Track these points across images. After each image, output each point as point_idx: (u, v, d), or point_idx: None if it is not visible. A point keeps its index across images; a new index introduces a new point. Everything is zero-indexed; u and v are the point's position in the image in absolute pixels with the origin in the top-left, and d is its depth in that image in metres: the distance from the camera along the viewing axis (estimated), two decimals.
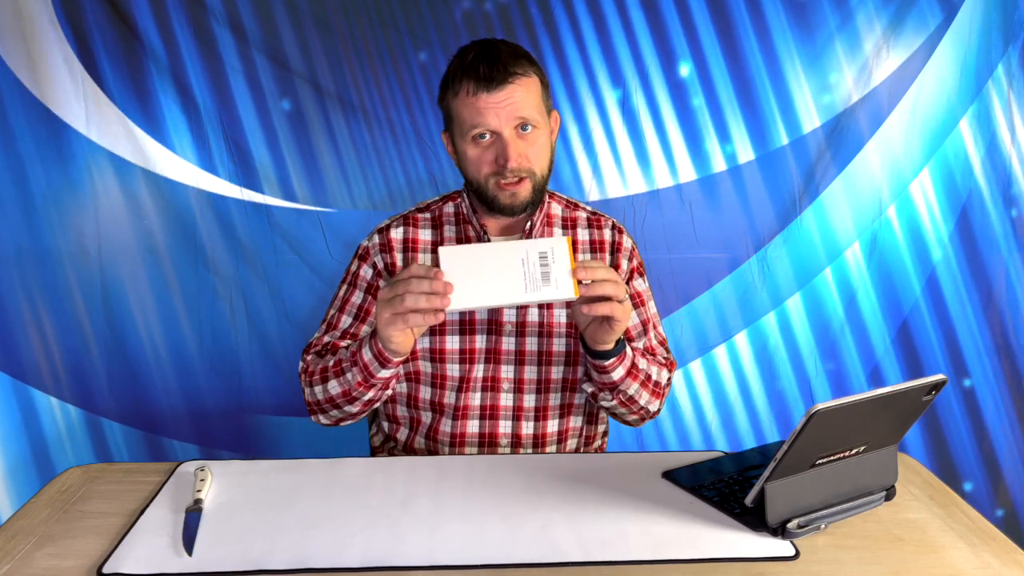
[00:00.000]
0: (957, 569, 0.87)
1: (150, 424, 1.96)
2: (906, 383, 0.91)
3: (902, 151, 1.96)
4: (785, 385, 2.04)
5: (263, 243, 1.93)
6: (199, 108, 1.88)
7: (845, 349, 2.02)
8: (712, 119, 1.95)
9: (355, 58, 1.90)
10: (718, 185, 1.98)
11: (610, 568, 0.86)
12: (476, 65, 1.20)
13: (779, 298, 2.01)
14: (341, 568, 0.86)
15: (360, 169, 1.94)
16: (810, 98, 1.94)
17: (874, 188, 1.97)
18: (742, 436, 2.06)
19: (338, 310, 1.34)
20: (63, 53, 1.83)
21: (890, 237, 1.98)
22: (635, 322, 1.37)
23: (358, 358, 1.17)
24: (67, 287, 1.89)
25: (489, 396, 1.30)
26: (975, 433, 2.02)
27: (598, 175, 1.97)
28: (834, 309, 2.01)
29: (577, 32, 1.91)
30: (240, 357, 1.96)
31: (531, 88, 1.23)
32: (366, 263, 1.33)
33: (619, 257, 1.36)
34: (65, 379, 1.91)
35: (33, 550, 0.90)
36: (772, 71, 1.93)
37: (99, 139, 1.87)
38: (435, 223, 1.35)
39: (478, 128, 1.21)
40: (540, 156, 1.26)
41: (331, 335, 1.33)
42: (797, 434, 0.86)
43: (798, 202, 1.97)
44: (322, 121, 1.91)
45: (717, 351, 2.03)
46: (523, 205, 1.26)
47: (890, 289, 2.00)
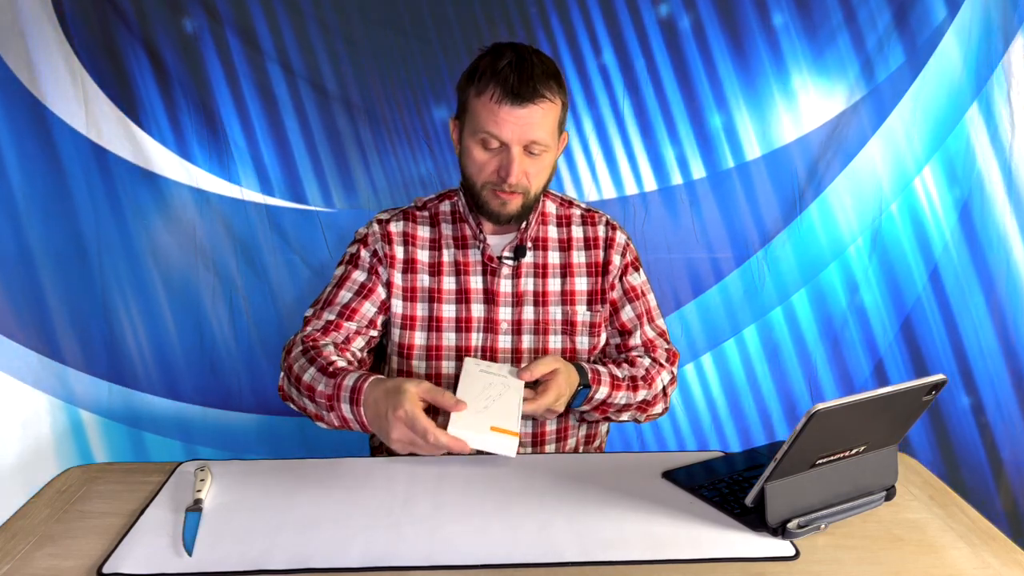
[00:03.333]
0: (957, 569, 0.87)
1: (149, 424, 1.96)
2: (906, 383, 0.91)
3: (905, 148, 1.95)
4: (789, 382, 2.04)
5: (263, 243, 1.93)
6: (199, 108, 1.88)
7: (849, 346, 2.02)
8: (712, 118, 1.95)
9: (356, 58, 1.90)
10: (721, 183, 1.98)
11: (610, 568, 0.86)
12: (508, 74, 1.19)
13: (783, 295, 2.01)
14: (341, 568, 0.86)
15: (360, 169, 1.94)
16: (814, 95, 1.94)
17: (877, 185, 1.97)
18: (743, 436, 2.06)
19: (336, 286, 1.32)
20: (63, 53, 1.83)
21: (893, 233, 1.98)
22: (630, 316, 1.38)
23: (336, 407, 1.10)
24: (66, 287, 1.88)
25: None
26: (978, 431, 2.02)
27: (594, 176, 1.97)
28: (838, 306, 2.01)
29: (582, 28, 1.91)
30: (240, 357, 1.96)
31: (551, 113, 1.23)
32: (367, 248, 1.34)
33: (611, 253, 1.37)
34: (64, 379, 1.91)
35: (33, 550, 0.90)
36: (777, 68, 1.93)
37: (99, 139, 1.87)
38: (432, 221, 1.36)
39: (490, 135, 1.22)
40: (540, 176, 1.27)
41: (330, 311, 1.28)
42: (797, 434, 0.86)
43: (799, 201, 1.97)
44: (322, 121, 1.91)
45: (716, 352, 2.03)
46: (509, 216, 1.28)
47: (894, 285, 2.00)
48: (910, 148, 1.95)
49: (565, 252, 1.36)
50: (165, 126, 1.88)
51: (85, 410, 1.93)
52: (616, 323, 1.38)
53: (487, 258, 1.32)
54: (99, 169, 1.88)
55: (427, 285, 1.32)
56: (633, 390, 1.30)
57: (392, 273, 1.32)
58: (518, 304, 1.32)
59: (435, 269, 1.33)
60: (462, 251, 1.33)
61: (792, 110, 1.94)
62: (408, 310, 1.32)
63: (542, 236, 1.36)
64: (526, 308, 1.32)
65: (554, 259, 1.35)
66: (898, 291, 2.00)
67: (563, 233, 1.37)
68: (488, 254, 1.32)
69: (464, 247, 1.33)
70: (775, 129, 1.95)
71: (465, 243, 1.33)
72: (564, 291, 1.34)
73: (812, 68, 1.93)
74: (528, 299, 1.32)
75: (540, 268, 1.34)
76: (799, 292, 2.01)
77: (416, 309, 1.32)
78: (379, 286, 1.32)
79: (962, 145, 1.95)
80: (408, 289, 1.32)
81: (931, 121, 1.95)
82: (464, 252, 1.33)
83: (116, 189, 1.89)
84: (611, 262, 1.37)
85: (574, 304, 1.34)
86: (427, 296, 1.32)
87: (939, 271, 1.99)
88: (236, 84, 1.89)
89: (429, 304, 1.32)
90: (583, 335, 1.34)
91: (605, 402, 1.27)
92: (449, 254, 1.33)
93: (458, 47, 1.90)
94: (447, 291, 1.32)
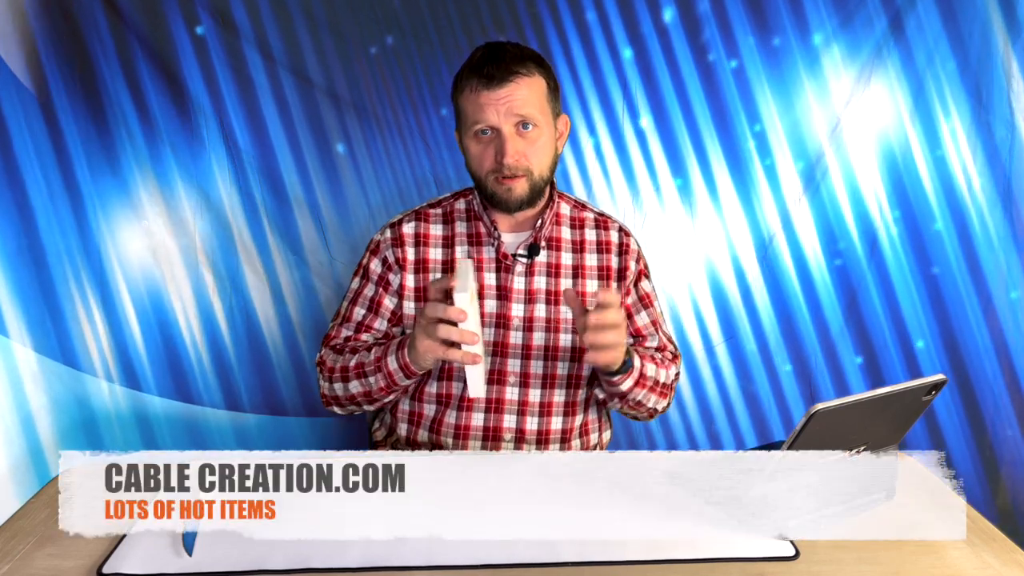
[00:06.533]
0: (957, 569, 0.87)
1: (148, 424, 1.96)
2: (906, 383, 0.91)
3: (899, 152, 1.96)
4: (785, 385, 2.04)
5: (263, 243, 1.93)
6: (199, 108, 1.88)
7: (844, 349, 2.02)
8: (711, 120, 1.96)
9: (358, 58, 1.90)
10: (717, 187, 1.98)
11: (610, 568, 0.86)
12: (482, 64, 1.23)
13: (778, 299, 2.02)
14: (341, 568, 0.86)
15: (360, 169, 1.94)
16: (813, 99, 1.95)
17: (873, 190, 1.98)
18: (741, 435, 2.06)
19: (350, 302, 1.37)
20: (61, 52, 1.83)
21: (889, 238, 1.99)
22: (645, 322, 1.40)
23: (383, 365, 1.21)
24: (66, 287, 1.88)
25: (495, 389, 1.31)
26: (973, 432, 2.02)
27: (588, 177, 1.98)
28: (833, 311, 2.01)
29: (589, 30, 1.92)
30: (239, 357, 1.96)
31: (534, 88, 1.24)
32: (376, 257, 1.36)
33: (627, 259, 1.38)
34: (64, 379, 1.91)
35: (33, 550, 0.90)
36: (774, 70, 1.94)
37: (98, 139, 1.86)
38: (446, 219, 1.37)
39: (479, 124, 1.24)
40: (540, 156, 1.27)
41: (347, 328, 1.35)
42: (797, 434, 0.86)
43: (796, 205, 1.98)
44: (322, 121, 1.92)
45: (713, 352, 2.03)
46: (518, 201, 1.28)
47: (888, 289, 2.00)
48: (903, 153, 1.96)
49: (578, 254, 1.36)
50: (165, 126, 1.88)
51: (84, 410, 1.93)
52: (631, 329, 1.39)
53: (501, 255, 1.33)
54: (99, 168, 1.88)
55: None
56: (657, 365, 1.31)
57: (404, 276, 1.33)
58: (530, 301, 1.32)
59: (448, 267, 1.34)
60: (476, 248, 1.34)
61: (792, 110, 1.95)
62: None
63: (556, 236, 1.36)
64: (538, 305, 1.32)
65: (567, 260, 1.36)
66: (892, 296, 2.00)
67: (576, 235, 1.38)
68: (503, 251, 1.33)
69: (479, 244, 1.34)
70: (776, 132, 1.96)
71: (480, 240, 1.34)
72: (575, 291, 1.34)
73: (809, 71, 1.94)
74: (540, 297, 1.33)
75: (553, 268, 1.34)
76: (794, 296, 2.02)
77: None
78: (386, 298, 1.34)
79: (958, 148, 1.95)
80: (421, 290, 1.33)
81: (927, 125, 1.95)
82: (478, 249, 1.34)
83: (115, 188, 1.89)
84: (627, 268, 1.38)
85: (584, 305, 1.33)
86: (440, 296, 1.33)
87: (936, 277, 2.00)
88: (236, 84, 1.89)
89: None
90: None
91: (642, 372, 1.26)
92: (463, 251, 1.34)
93: (460, 46, 1.90)
94: None
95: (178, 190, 1.91)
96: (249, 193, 1.92)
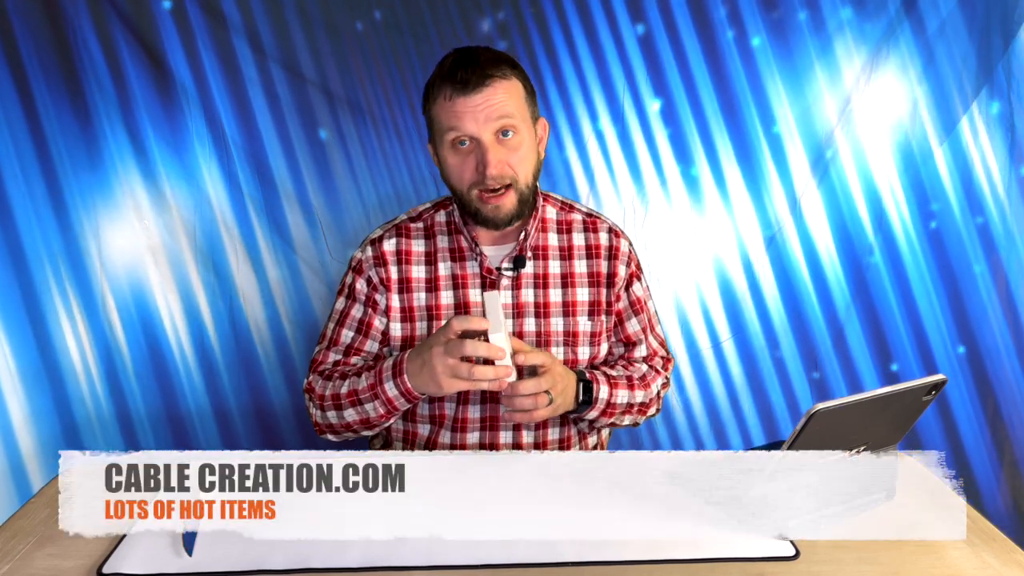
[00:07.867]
0: (957, 569, 0.87)
1: (148, 424, 1.96)
2: (906, 383, 0.91)
3: (913, 139, 1.95)
4: (784, 385, 2.04)
5: (262, 243, 1.93)
6: (199, 108, 1.88)
7: (845, 349, 2.02)
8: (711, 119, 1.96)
9: (357, 58, 1.90)
10: (717, 185, 1.98)
11: (610, 568, 0.86)
12: (454, 70, 1.18)
13: (781, 296, 2.01)
14: (341, 568, 0.86)
15: (360, 169, 1.94)
16: (813, 99, 1.94)
17: (872, 188, 1.97)
18: (743, 435, 2.06)
19: (338, 324, 1.33)
20: (60, 52, 1.83)
21: (891, 239, 1.98)
22: (636, 329, 1.37)
23: (379, 392, 1.17)
24: (66, 287, 1.88)
25: (489, 407, 1.29)
26: (991, 430, 2.01)
27: (590, 177, 1.97)
28: (835, 310, 2.01)
29: (590, 10, 1.91)
30: (239, 357, 1.96)
31: (512, 91, 1.20)
32: (361, 277, 1.32)
33: (616, 264, 1.34)
34: (63, 379, 1.90)
35: (33, 550, 0.90)
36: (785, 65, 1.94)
37: (98, 138, 1.86)
38: (427, 233, 1.33)
39: (456, 133, 1.19)
40: (523, 163, 1.23)
41: (335, 351, 1.31)
42: (797, 434, 0.86)
43: (798, 201, 1.97)
44: (322, 121, 1.91)
45: (714, 352, 2.03)
46: (507, 217, 1.24)
47: (903, 282, 1.99)
48: (904, 153, 1.95)
49: (566, 261, 1.33)
50: (165, 126, 1.88)
51: (83, 410, 1.93)
52: (621, 335, 1.37)
53: (486, 270, 1.29)
54: (98, 168, 1.88)
55: (424, 303, 1.30)
56: (631, 388, 1.30)
57: (390, 296, 1.30)
58: (519, 316, 1.29)
59: (432, 284, 1.30)
60: (459, 264, 1.30)
61: (793, 109, 1.94)
62: (407, 331, 1.31)
63: (542, 244, 1.32)
64: (527, 320, 1.29)
65: (555, 268, 1.32)
66: (894, 296, 1.99)
67: (564, 240, 1.34)
68: (487, 266, 1.29)
69: (461, 259, 1.30)
70: (774, 130, 1.95)
71: (462, 255, 1.30)
72: (565, 302, 1.31)
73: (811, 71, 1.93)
74: (529, 311, 1.30)
75: (541, 279, 1.31)
76: (795, 294, 2.01)
77: (416, 329, 1.30)
78: (376, 319, 1.31)
79: (958, 149, 1.94)
80: (406, 309, 1.30)
81: (928, 124, 1.94)
82: (462, 265, 1.30)
83: (115, 188, 1.89)
84: (616, 274, 1.34)
85: (575, 315, 1.31)
86: (425, 314, 1.30)
87: (937, 276, 1.98)
88: (236, 84, 1.89)
89: (428, 323, 1.30)
90: (584, 345, 1.32)
91: (609, 402, 1.26)
92: (446, 267, 1.30)
93: (458, 36, 1.90)
94: (445, 306, 1.30)
95: (163, 184, 1.89)
96: (238, 187, 1.91)
